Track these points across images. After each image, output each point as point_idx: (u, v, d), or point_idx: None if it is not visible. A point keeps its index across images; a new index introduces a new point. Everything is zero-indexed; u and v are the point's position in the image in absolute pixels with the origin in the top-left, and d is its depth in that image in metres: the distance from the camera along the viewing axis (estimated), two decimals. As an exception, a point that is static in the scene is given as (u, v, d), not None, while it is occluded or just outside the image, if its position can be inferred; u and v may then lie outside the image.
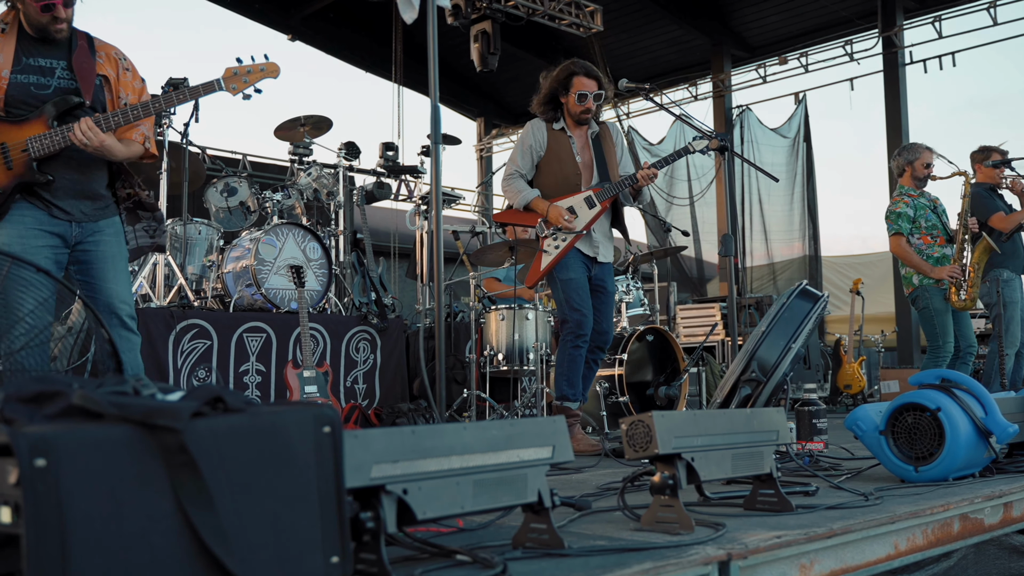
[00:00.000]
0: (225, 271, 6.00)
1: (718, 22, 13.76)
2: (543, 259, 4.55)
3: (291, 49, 14.24)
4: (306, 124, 7.05)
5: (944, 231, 6.02)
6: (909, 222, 5.96)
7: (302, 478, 1.34)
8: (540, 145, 4.62)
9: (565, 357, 4.56)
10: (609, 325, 4.73)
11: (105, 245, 3.44)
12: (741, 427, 2.34)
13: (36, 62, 3.34)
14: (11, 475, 1.10)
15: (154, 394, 1.31)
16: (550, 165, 4.62)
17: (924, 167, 6.06)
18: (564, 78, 4.61)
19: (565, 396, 4.56)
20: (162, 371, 5.17)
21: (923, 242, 5.96)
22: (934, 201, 6.11)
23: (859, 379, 9.02)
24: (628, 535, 2.05)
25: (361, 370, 6.15)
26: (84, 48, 3.42)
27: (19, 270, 2.63)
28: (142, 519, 1.16)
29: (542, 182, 4.63)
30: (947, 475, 2.90)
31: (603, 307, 4.68)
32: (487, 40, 11.35)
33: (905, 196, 6.04)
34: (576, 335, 4.51)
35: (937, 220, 6.02)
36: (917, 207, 5.99)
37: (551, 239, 4.53)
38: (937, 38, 12.19)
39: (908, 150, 6.22)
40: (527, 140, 4.64)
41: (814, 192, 13.33)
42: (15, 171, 3.25)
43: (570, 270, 4.53)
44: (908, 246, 5.95)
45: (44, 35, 3.34)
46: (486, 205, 15.58)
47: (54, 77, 3.35)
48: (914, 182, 6.10)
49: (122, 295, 3.44)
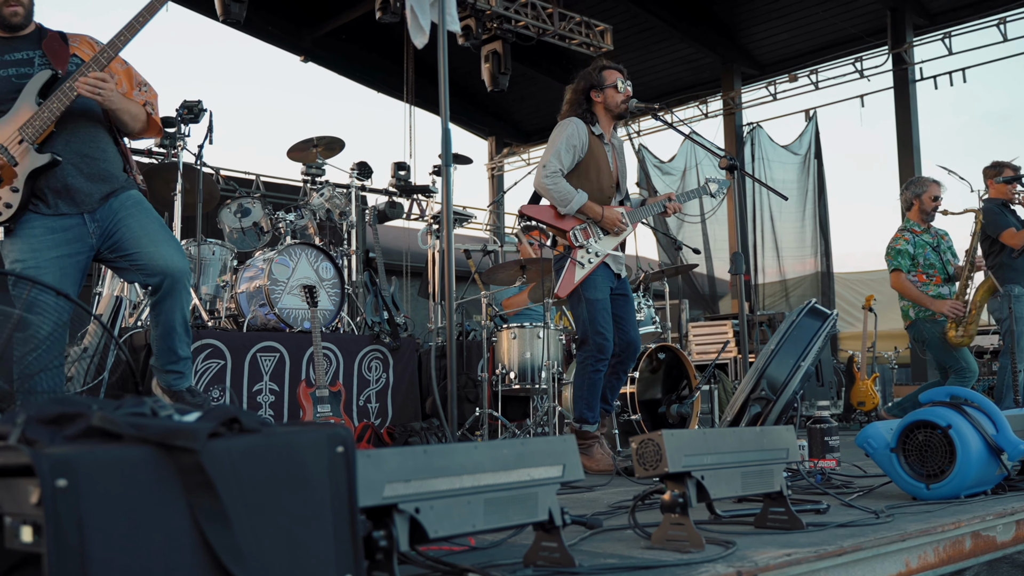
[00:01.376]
0: (239, 291, 6.05)
1: (728, 40, 13.81)
2: (576, 270, 4.41)
3: (304, 70, 14.36)
4: (319, 145, 7.10)
5: (943, 270, 6.12)
6: (909, 259, 6.08)
7: (316, 497, 1.36)
8: (583, 146, 4.46)
9: (585, 380, 4.45)
10: (636, 333, 4.62)
11: (131, 219, 3.39)
12: (751, 445, 2.35)
13: (12, 56, 3.34)
14: (32, 495, 1.12)
15: (171, 415, 1.34)
16: (588, 171, 4.48)
17: (932, 200, 6.16)
18: (596, 73, 4.55)
19: (584, 419, 4.48)
20: (176, 391, 5.20)
21: (918, 280, 6.08)
22: (940, 237, 6.21)
23: (873, 396, 8.99)
24: (639, 553, 2.06)
25: (373, 389, 6.17)
26: (55, 36, 3.44)
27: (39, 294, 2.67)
28: (160, 538, 1.18)
29: (577, 187, 4.44)
30: (959, 492, 2.89)
31: (626, 314, 4.58)
32: (498, 60, 11.45)
33: (907, 232, 6.15)
34: (597, 359, 4.41)
35: (937, 259, 6.12)
36: (917, 244, 6.10)
37: (584, 251, 4.42)
38: (947, 54, 12.23)
39: (915, 184, 6.30)
40: (573, 138, 4.43)
41: (826, 209, 13.33)
42: (21, 164, 3.21)
43: (598, 290, 4.43)
44: (908, 281, 6.05)
45: (9, 29, 3.36)
46: (497, 224, 15.63)
47: (34, 67, 3.33)
48: (921, 216, 6.20)
49: (173, 258, 3.38)
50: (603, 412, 4.63)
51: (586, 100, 4.57)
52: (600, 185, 4.52)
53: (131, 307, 6.05)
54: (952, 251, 6.23)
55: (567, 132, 4.45)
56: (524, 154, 16.93)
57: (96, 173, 3.38)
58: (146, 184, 3.67)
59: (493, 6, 10.96)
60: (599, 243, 4.46)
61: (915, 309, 6.08)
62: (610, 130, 4.65)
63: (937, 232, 6.24)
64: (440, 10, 4.31)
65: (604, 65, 4.58)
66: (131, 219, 3.40)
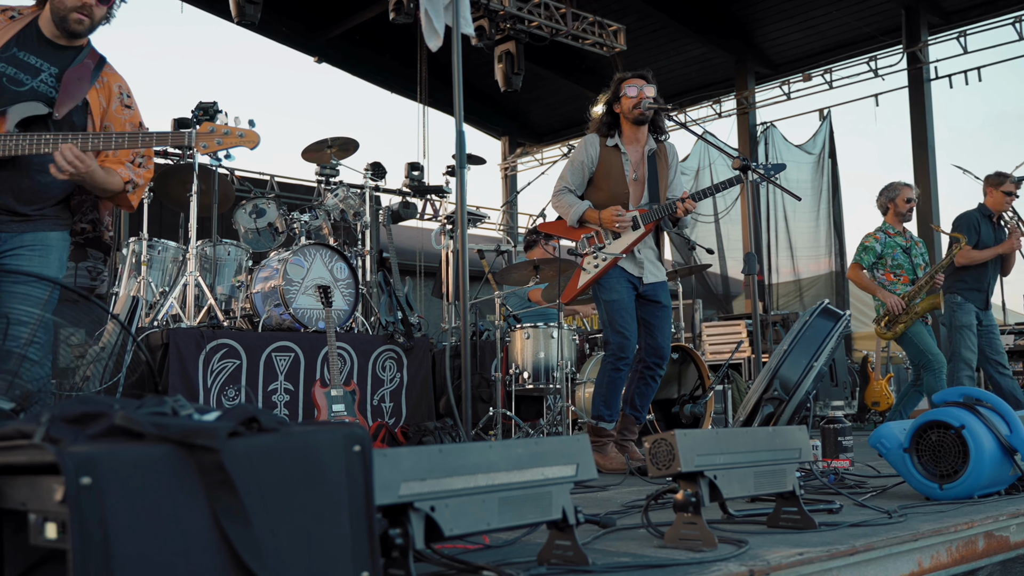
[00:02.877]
0: (254, 291, 6.08)
1: (741, 40, 13.78)
2: (581, 277, 4.54)
3: (317, 71, 14.42)
4: (333, 146, 7.13)
5: (911, 272, 6.44)
6: (874, 256, 6.44)
7: (333, 496, 1.38)
8: (592, 161, 4.61)
9: (605, 379, 4.53)
10: (665, 340, 4.63)
11: (21, 260, 3.11)
12: (763, 445, 2.36)
13: (25, 57, 3.11)
14: (57, 493, 1.14)
15: (191, 414, 1.36)
16: (600, 181, 4.62)
17: (905, 202, 6.49)
18: (614, 87, 4.65)
19: (601, 416, 4.53)
20: (192, 390, 5.24)
21: (886, 278, 6.44)
22: (915, 243, 6.55)
23: (887, 396, 8.97)
24: (652, 552, 2.08)
25: (388, 389, 6.19)
26: (87, 66, 3.20)
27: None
28: (182, 535, 1.20)
29: (591, 197, 4.63)
30: (972, 493, 2.90)
31: (657, 321, 4.61)
32: (511, 60, 11.46)
33: (880, 232, 6.49)
34: (617, 357, 4.47)
35: (907, 261, 6.45)
36: (887, 245, 6.44)
37: (591, 257, 4.52)
38: (962, 53, 12.17)
39: (889, 189, 6.61)
40: (579, 156, 4.65)
41: (840, 208, 13.29)
42: None
43: (613, 291, 4.50)
44: (861, 273, 6.45)
45: (62, 29, 3.14)
46: (511, 224, 15.64)
47: (35, 79, 3.11)
48: (896, 218, 6.52)
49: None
50: (633, 419, 4.64)
51: (610, 114, 4.68)
52: (613, 193, 4.59)
53: (147, 307, 6.10)
54: (924, 258, 6.56)
55: (576, 152, 4.69)
56: (537, 154, 16.93)
57: (15, 190, 3.12)
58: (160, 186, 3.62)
59: (506, 6, 10.98)
60: (610, 246, 4.50)
61: (882, 305, 6.42)
62: (636, 139, 4.67)
63: (912, 237, 6.57)
64: (454, 13, 4.33)
65: (620, 77, 4.68)
66: (21, 261, 3.13)
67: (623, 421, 4.63)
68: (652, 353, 4.59)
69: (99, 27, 3.24)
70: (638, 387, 4.63)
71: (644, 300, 4.60)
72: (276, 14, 12.35)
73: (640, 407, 4.65)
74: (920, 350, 6.32)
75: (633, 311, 4.53)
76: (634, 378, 4.63)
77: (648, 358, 4.59)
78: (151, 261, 6.36)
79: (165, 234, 7.01)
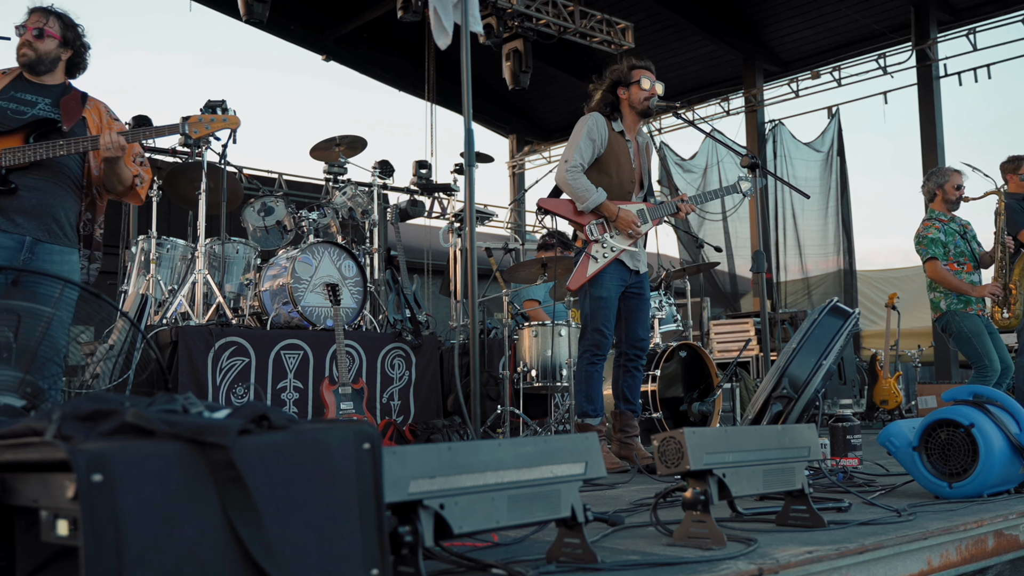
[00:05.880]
0: (262, 289, 6.10)
1: (749, 37, 13.75)
2: (589, 264, 4.46)
3: (325, 69, 14.44)
4: (341, 144, 7.14)
5: (972, 258, 6.02)
6: (942, 247, 5.94)
7: (343, 493, 1.38)
8: (603, 140, 4.50)
9: (583, 375, 4.51)
10: (644, 330, 4.64)
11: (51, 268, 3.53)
12: (772, 443, 2.35)
13: (22, 95, 3.63)
14: (69, 490, 1.15)
15: (202, 412, 1.36)
16: (608, 166, 4.52)
17: (955, 189, 6.04)
18: (626, 70, 4.59)
19: (586, 413, 4.50)
20: (201, 387, 5.26)
21: (951, 269, 5.93)
22: (964, 226, 6.11)
23: (896, 394, 8.94)
24: (661, 550, 2.08)
25: (396, 387, 6.20)
26: (76, 96, 3.74)
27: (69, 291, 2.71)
28: (192, 532, 1.21)
29: (598, 182, 4.48)
30: (982, 491, 2.89)
31: (638, 313, 4.61)
32: (519, 58, 11.45)
33: (935, 221, 6.03)
34: (593, 353, 4.47)
35: (966, 246, 6.01)
36: (947, 233, 5.98)
37: (600, 245, 4.46)
38: (972, 50, 12.12)
39: (937, 174, 6.19)
40: (592, 131, 4.47)
41: (848, 206, 13.25)
42: None
43: (604, 288, 4.46)
44: (944, 269, 5.92)
45: (26, 68, 3.65)
46: (519, 222, 15.63)
47: (34, 108, 3.62)
48: (945, 206, 6.07)
49: None
50: (630, 414, 4.63)
51: (612, 95, 4.61)
52: (620, 180, 4.54)
53: (156, 305, 6.11)
54: (976, 239, 6.15)
55: (587, 126, 4.49)
56: (545, 152, 16.93)
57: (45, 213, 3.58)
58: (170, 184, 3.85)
59: (514, 4, 10.97)
60: (615, 238, 4.47)
61: (947, 300, 5.95)
62: (635, 127, 4.66)
63: (961, 221, 6.14)
64: (463, 11, 4.32)
65: (634, 64, 4.61)
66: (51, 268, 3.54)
67: (621, 418, 4.62)
68: (632, 344, 4.61)
69: (77, 75, 3.83)
70: (625, 380, 4.63)
71: (629, 293, 4.58)
72: (284, 12, 12.37)
73: (632, 399, 4.65)
74: (978, 352, 5.90)
75: (615, 309, 4.53)
76: (619, 373, 4.64)
77: (629, 350, 4.60)
78: (160, 259, 6.38)
79: (174, 232, 7.03)
